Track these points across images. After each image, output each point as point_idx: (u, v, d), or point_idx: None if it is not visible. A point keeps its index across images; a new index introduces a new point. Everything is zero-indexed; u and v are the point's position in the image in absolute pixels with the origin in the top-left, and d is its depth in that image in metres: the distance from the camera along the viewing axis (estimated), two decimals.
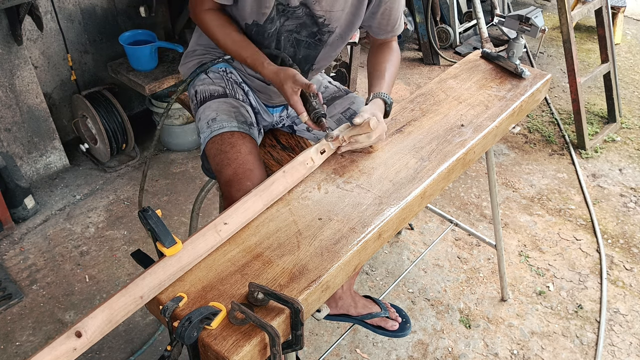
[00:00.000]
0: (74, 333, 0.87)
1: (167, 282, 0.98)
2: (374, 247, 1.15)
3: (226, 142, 1.35)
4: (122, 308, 0.92)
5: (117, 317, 0.91)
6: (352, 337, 1.99)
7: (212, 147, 1.38)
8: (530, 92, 1.61)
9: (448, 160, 1.32)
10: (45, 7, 2.41)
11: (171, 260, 0.99)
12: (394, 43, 1.58)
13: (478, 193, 2.72)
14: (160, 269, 0.98)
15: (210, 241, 1.04)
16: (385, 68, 1.49)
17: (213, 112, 1.43)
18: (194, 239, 1.03)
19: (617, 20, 4.12)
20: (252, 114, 1.49)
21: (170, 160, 2.83)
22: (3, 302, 2.03)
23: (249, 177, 1.28)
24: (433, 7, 3.87)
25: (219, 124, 1.39)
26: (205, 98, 1.48)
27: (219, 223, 1.07)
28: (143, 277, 0.96)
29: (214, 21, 1.41)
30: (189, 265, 1.01)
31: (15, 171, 2.33)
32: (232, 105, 1.45)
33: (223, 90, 1.48)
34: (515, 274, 2.29)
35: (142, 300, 0.94)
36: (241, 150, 1.34)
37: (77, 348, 0.86)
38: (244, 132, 1.39)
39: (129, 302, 0.93)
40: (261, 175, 1.31)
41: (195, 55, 1.58)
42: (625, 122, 3.34)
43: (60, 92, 2.68)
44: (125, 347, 1.93)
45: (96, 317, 0.89)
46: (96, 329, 0.88)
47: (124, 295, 0.93)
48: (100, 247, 2.31)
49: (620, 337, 2.05)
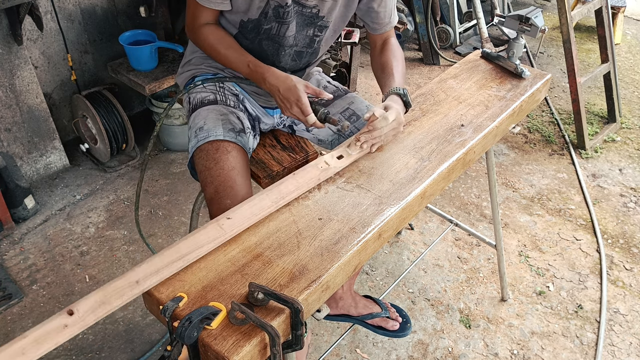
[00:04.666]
0: (65, 311, 0.88)
1: (165, 271, 0.97)
2: (374, 247, 1.15)
3: (210, 157, 1.34)
4: (116, 291, 0.92)
5: (111, 299, 0.91)
6: (352, 337, 1.99)
7: (198, 161, 1.37)
8: (530, 92, 1.61)
9: (448, 160, 1.32)
10: (45, 7, 2.41)
11: (169, 250, 0.99)
12: (392, 39, 1.58)
13: (478, 193, 2.72)
14: (157, 257, 0.98)
15: (211, 233, 1.04)
16: (392, 66, 1.48)
17: (201, 120, 1.42)
18: (195, 231, 1.04)
19: (617, 20, 4.12)
20: (244, 120, 1.48)
21: (170, 160, 2.83)
22: (3, 302, 2.03)
23: (229, 195, 1.27)
24: (433, 7, 3.87)
25: (206, 132, 1.39)
26: (196, 105, 1.48)
27: (221, 217, 1.08)
28: (140, 264, 0.97)
29: (212, 34, 1.42)
30: (188, 255, 1.00)
31: (15, 171, 2.33)
32: (221, 112, 1.44)
33: (214, 97, 1.48)
34: (515, 274, 2.29)
35: (138, 285, 0.94)
36: (224, 166, 1.32)
37: (69, 325, 0.86)
38: (230, 141, 1.37)
39: (124, 286, 0.93)
40: (243, 190, 1.30)
41: (191, 65, 1.58)
42: (625, 122, 3.34)
43: (60, 92, 2.68)
44: (125, 347, 1.93)
45: (89, 297, 0.91)
46: (88, 308, 0.89)
47: (119, 279, 0.94)
48: (101, 247, 2.31)
49: (620, 337, 2.05)
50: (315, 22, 1.43)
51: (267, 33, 1.41)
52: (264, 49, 1.45)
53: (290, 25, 1.40)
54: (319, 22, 1.43)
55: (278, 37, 1.42)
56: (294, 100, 1.30)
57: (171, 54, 2.69)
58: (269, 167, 1.51)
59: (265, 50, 1.45)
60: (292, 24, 1.40)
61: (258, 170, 1.51)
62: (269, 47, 1.45)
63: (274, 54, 1.46)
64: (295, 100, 1.30)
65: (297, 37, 1.44)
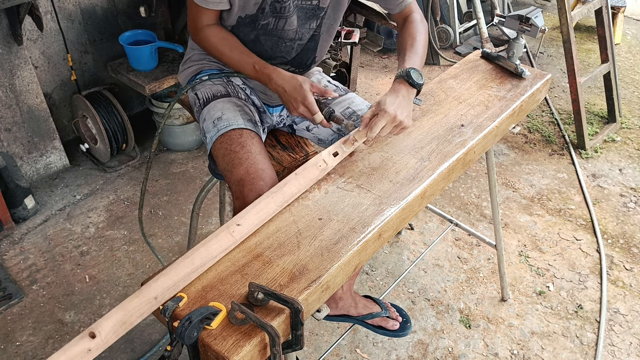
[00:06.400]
0: (87, 334, 0.86)
1: (181, 283, 0.97)
2: (374, 247, 1.15)
3: (235, 141, 1.33)
4: (136, 309, 0.91)
5: (132, 318, 0.91)
6: (352, 337, 1.99)
7: (220, 147, 1.35)
8: (530, 92, 1.61)
9: (448, 160, 1.32)
10: (45, 7, 2.41)
11: (184, 262, 0.98)
12: (414, 15, 1.52)
13: (478, 193, 2.72)
14: (172, 270, 0.97)
15: (224, 242, 1.04)
16: (405, 46, 1.44)
17: (218, 111, 1.42)
18: (206, 240, 1.03)
19: (617, 20, 4.12)
20: (255, 114, 1.49)
21: (170, 160, 2.83)
22: (3, 302, 2.03)
23: (262, 177, 1.26)
24: (433, 7, 3.87)
25: (226, 122, 1.38)
26: (208, 99, 1.47)
27: (232, 224, 1.07)
28: (156, 278, 0.96)
29: (216, 35, 1.42)
30: (202, 267, 1.00)
31: (15, 171, 2.33)
32: (236, 104, 1.45)
33: (225, 90, 1.48)
34: (515, 274, 2.29)
35: (157, 301, 0.93)
36: (251, 150, 1.32)
37: (92, 349, 0.85)
38: (252, 130, 1.38)
39: (143, 303, 0.92)
40: (272, 175, 1.29)
41: (192, 61, 1.58)
42: (625, 122, 3.34)
43: (60, 92, 2.68)
44: (125, 348, 1.93)
45: (110, 318, 0.89)
46: (110, 329, 0.88)
47: (137, 297, 0.93)
48: (101, 247, 2.31)
49: (620, 337, 2.05)
50: (317, 14, 1.43)
51: (264, 28, 1.42)
52: (261, 43, 1.45)
53: (289, 19, 1.40)
54: (321, 13, 1.43)
55: (276, 31, 1.42)
56: (301, 100, 1.32)
57: (171, 54, 2.69)
58: None
59: (262, 44, 1.45)
60: (292, 18, 1.40)
61: None
62: (267, 41, 1.45)
63: (273, 47, 1.46)
64: (301, 100, 1.32)
65: (299, 31, 1.44)
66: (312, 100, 1.31)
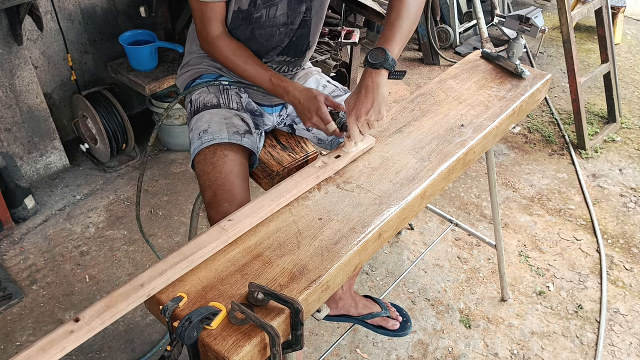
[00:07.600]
0: (72, 319, 0.89)
1: (170, 274, 0.98)
2: (374, 247, 1.15)
3: (208, 161, 1.36)
4: (121, 295, 0.93)
5: (117, 303, 0.92)
6: (352, 337, 1.99)
7: (197, 165, 1.40)
8: (530, 92, 1.61)
9: (448, 160, 1.32)
10: (45, 7, 2.41)
11: (172, 253, 1.01)
12: None
13: (478, 193, 2.72)
14: (160, 262, 1.00)
15: (213, 234, 1.05)
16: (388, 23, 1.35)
17: (205, 123, 1.44)
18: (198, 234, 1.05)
19: (617, 20, 4.12)
20: (249, 120, 1.49)
21: (170, 160, 2.83)
22: (3, 302, 2.03)
23: (227, 199, 1.29)
24: (433, 7, 3.87)
25: (210, 135, 1.40)
26: (198, 108, 1.49)
27: (223, 221, 1.09)
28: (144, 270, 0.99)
29: (228, 47, 1.42)
30: (192, 257, 1.01)
31: (15, 171, 2.33)
32: (225, 116, 1.46)
33: (217, 101, 1.49)
34: (515, 274, 2.29)
35: (143, 288, 0.95)
36: (222, 169, 1.34)
37: (74, 330, 0.87)
38: (234, 143, 1.39)
39: (129, 290, 0.94)
40: (241, 194, 1.31)
41: (190, 65, 1.58)
42: (625, 122, 3.34)
43: (60, 92, 2.68)
44: (125, 348, 1.93)
45: (95, 304, 0.92)
46: (94, 313, 0.90)
47: (124, 285, 0.95)
48: (100, 247, 2.31)
49: (620, 337, 2.05)
50: None
51: (258, 22, 1.42)
52: (256, 38, 1.46)
53: (280, 5, 1.40)
54: None
55: (269, 21, 1.43)
56: (315, 110, 1.35)
57: (171, 54, 2.69)
58: (268, 167, 1.51)
59: (257, 38, 1.46)
60: (282, 3, 1.40)
61: (258, 170, 1.51)
62: (261, 35, 1.45)
63: (268, 39, 1.46)
64: (315, 110, 1.35)
65: (290, 15, 1.44)
66: (325, 110, 1.35)
